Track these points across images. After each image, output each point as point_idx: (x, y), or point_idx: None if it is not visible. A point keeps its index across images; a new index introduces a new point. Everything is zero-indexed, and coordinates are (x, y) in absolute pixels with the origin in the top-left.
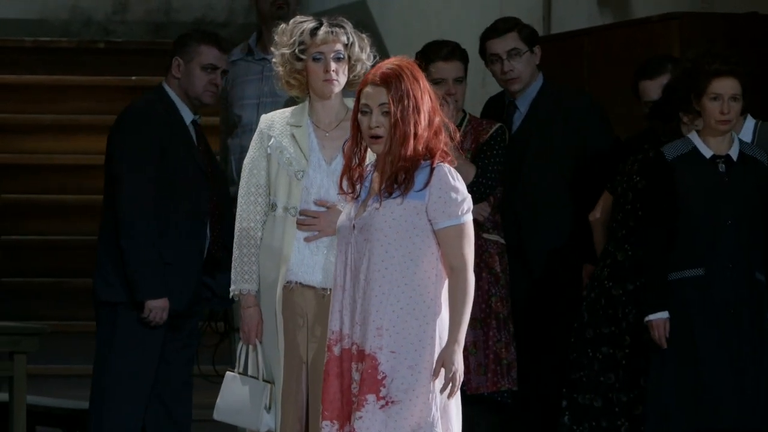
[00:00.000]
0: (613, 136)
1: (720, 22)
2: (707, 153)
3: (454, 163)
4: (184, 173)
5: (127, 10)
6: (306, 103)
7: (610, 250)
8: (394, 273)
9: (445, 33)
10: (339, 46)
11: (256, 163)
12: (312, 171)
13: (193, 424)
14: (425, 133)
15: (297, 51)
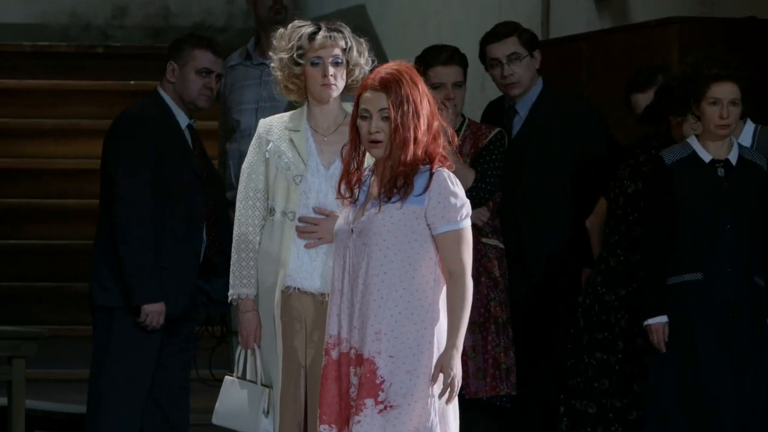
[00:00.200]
0: (611, 141)
1: (719, 26)
2: (706, 157)
3: (452, 168)
4: (179, 177)
5: (126, 15)
6: (304, 107)
7: (604, 255)
8: (392, 277)
9: (444, 38)
10: (337, 51)
11: (254, 168)
12: (310, 175)
13: (191, 429)
14: (424, 138)
15: (295, 55)
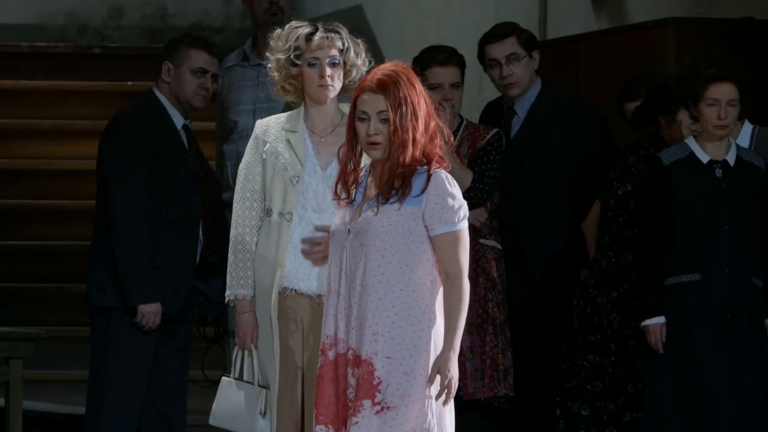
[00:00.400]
0: (610, 142)
1: (716, 27)
2: (704, 158)
3: (449, 168)
4: (175, 178)
5: (123, 15)
6: (301, 108)
7: (597, 257)
8: (390, 278)
9: (441, 38)
10: (334, 52)
11: (251, 169)
12: (307, 176)
13: (187, 430)
14: (422, 139)
15: (292, 56)
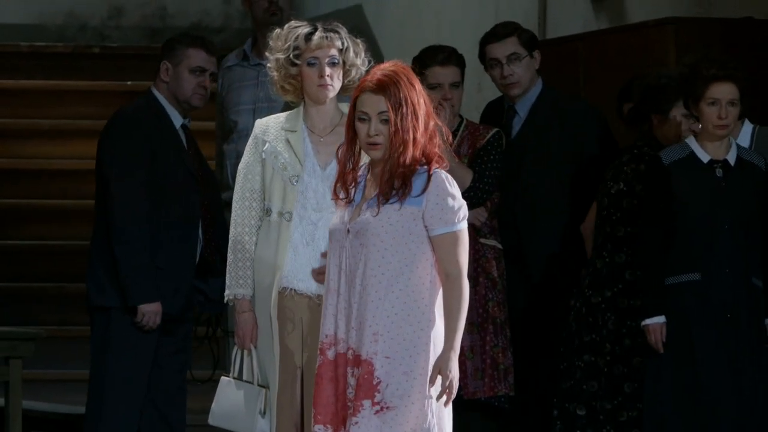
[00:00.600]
0: (610, 142)
1: (716, 27)
2: (704, 158)
3: (448, 167)
4: (174, 177)
5: (123, 15)
6: (301, 108)
7: (592, 257)
8: (389, 278)
9: (441, 38)
10: (334, 51)
11: (250, 168)
12: (307, 176)
13: (187, 429)
14: (422, 139)
15: (292, 56)
